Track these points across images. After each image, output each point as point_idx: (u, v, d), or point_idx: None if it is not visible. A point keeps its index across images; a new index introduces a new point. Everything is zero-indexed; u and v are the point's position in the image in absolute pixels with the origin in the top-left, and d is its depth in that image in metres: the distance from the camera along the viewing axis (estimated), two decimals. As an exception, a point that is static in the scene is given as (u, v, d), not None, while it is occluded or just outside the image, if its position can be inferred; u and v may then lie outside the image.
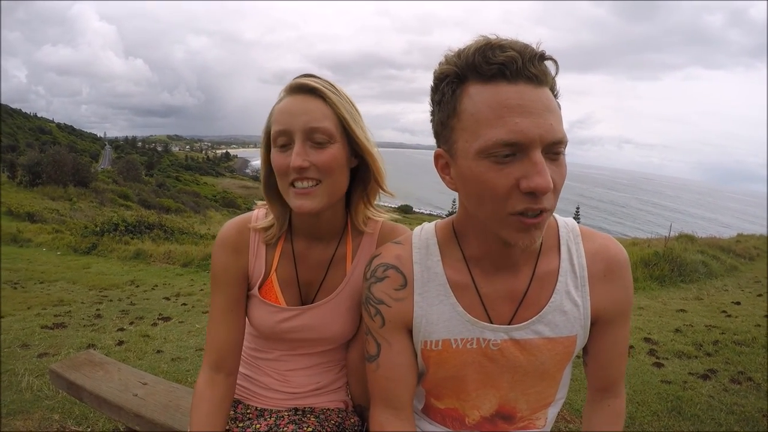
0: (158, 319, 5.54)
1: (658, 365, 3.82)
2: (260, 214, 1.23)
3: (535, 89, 0.81)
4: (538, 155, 0.80)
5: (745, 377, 3.55)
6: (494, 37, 0.82)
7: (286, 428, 1.18)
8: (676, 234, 11.61)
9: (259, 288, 1.21)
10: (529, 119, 0.79)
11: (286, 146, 1.06)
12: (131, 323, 5.32)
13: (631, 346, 4.22)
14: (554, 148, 0.82)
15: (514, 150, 0.80)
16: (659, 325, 5.00)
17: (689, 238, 10.81)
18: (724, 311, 5.66)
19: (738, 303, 6.13)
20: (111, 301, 6.67)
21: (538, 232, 0.86)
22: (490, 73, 0.81)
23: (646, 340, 4.47)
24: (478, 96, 0.82)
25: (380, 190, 1.21)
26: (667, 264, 8.17)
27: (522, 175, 0.80)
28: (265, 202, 1.20)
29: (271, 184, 1.15)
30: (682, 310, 5.73)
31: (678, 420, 2.92)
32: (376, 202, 1.25)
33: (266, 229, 1.20)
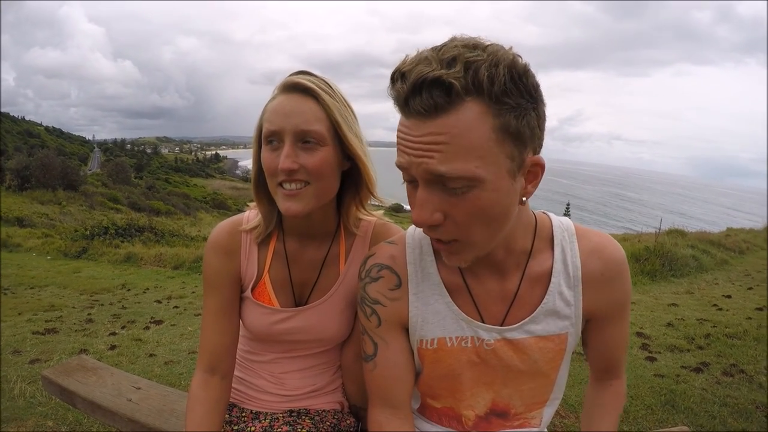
0: (150, 322, 5.50)
1: (651, 359, 3.85)
2: (251, 216, 1.22)
3: (425, 122, 0.75)
4: (419, 190, 0.80)
5: (737, 369, 3.58)
6: (413, 55, 0.77)
7: (280, 430, 1.18)
8: (667, 229, 11.68)
9: (252, 290, 1.20)
10: (408, 157, 0.79)
11: (277, 146, 1.04)
12: (123, 327, 5.29)
13: (624, 341, 4.24)
14: (446, 183, 0.78)
15: (411, 177, 0.82)
16: (651, 320, 5.03)
17: (680, 233, 10.88)
18: (715, 305, 5.70)
19: (729, 296, 6.17)
20: (102, 305, 6.62)
21: (455, 257, 0.88)
22: (394, 103, 0.81)
23: (639, 334, 4.50)
24: (399, 118, 0.82)
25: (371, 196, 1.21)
26: (658, 259, 8.23)
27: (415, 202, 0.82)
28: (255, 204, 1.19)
29: (261, 181, 1.14)
30: (673, 305, 5.76)
31: (672, 413, 2.94)
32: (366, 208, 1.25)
33: (254, 228, 1.20)
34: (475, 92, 0.74)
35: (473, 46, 0.75)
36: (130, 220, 14.68)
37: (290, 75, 1.08)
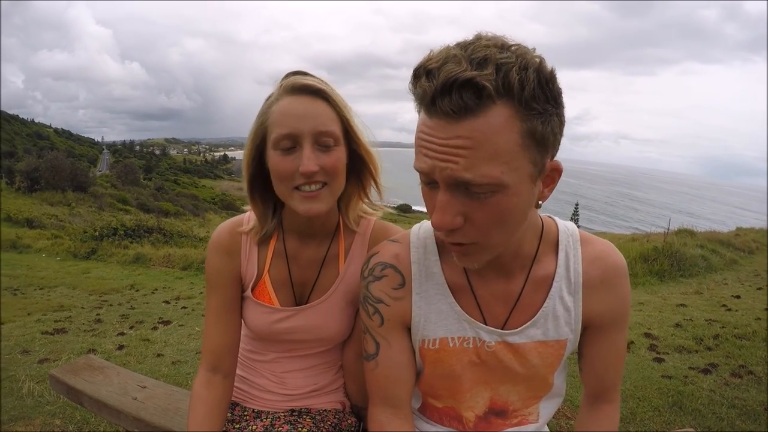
0: (158, 322, 5.54)
1: (659, 360, 3.83)
2: (252, 216, 1.22)
3: (451, 124, 0.73)
4: (440, 194, 0.78)
5: (746, 371, 3.55)
6: (438, 51, 0.75)
7: (281, 429, 1.18)
8: (676, 228, 11.61)
9: (253, 289, 1.21)
10: (431, 161, 0.76)
11: (291, 150, 1.03)
12: (131, 327, 5.33)
13: (632, 342, 4.23)
14: (470, 188, 0.76)
15: (431, 180, 0.79)
16: (659, 320, 5.00)
17: (689, 233, 10.81)
18: (724, 305, 5.66)
19: (738, 297, 6.13)
20: (111, 305, 6.67)
21: (470, 258, 0.86)
22: (418, 102, 0.78)
23: (647, 335, 4.47)
24: (419, 118, 0.80)
25: (373, 186, 1.21)
26: (667, 259, 8.19)
27: (434, 205, 0.80)
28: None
29: (256, 184, 1.14)
30: (682, 305, 5.73)
31: (679, 415, 2.92)
32: (373, 202, 1.25)
33: (252, 230, 1.20)
34: (506, 95, 0.72)
35: (502, 46, 0.73)
36: (138, 221, 14.80)
37: (289, 76, 1.08)
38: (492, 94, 0.71)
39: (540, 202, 0.85)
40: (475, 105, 0.71)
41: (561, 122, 0.78)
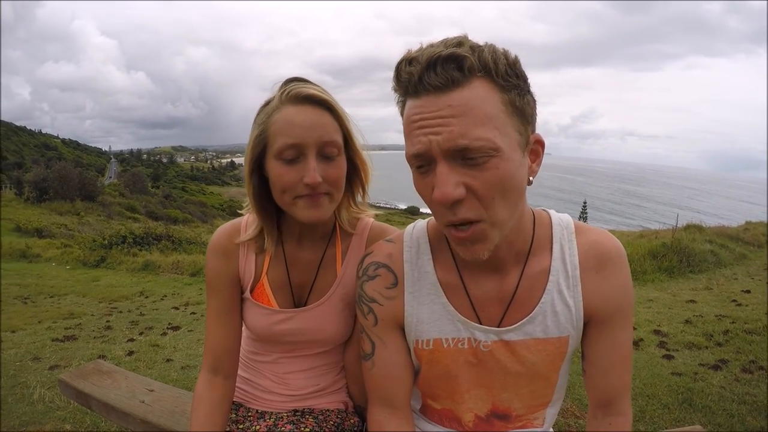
0: (168, 328, 5.57)
1: (668, 357, 3.80)
2: (250, 220, 1.22)
3: (440, 97, 0.78)
4: (439, 166, 0.80)
5: (756, 366, 3.52)
6: (416, 48, 0.81)
7: (284, 428, 1.19)
8: (684, 224, 11.51)
9: (252, 291, 1.21)
10: (429, 132, 0.79)
11: (295, 160, 1.03)
12: (141, 333, 5.36)
13: (641, 339, 4.21)
14: (467, 154, 0.78)
15: (427, 161, 0.82)
16: (669, 317, 4.96)
17: (697, 228, 10.70)
18: (734, 300, 5.61)
19: (748, 291, 6.07)
20: (121, 312, 6.71)
21: (479, 245, 0.84)
22: (403, 92, 0.84)
23: (656, 332, 4.44)
24: (405, 111, 0.84)
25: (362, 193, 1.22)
26: (676, 255, 8.12)
27: (432, 186, 0.81)
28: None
29: (262, 195, 1.13)
30: (691, 301, 5.69)
31: (689, 412, 2.89)
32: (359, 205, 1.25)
33: (255, 241, 1.20)
34: (483, 71, 0.78)
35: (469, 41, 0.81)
36: (147, 229, 14.85)
37: (289, 83, 1.07)
38: (474, 66, 0.77)
39: (531, 178, 0.88)
40: (459, 77, 0.77)
41: (534, 100, 0.85)
